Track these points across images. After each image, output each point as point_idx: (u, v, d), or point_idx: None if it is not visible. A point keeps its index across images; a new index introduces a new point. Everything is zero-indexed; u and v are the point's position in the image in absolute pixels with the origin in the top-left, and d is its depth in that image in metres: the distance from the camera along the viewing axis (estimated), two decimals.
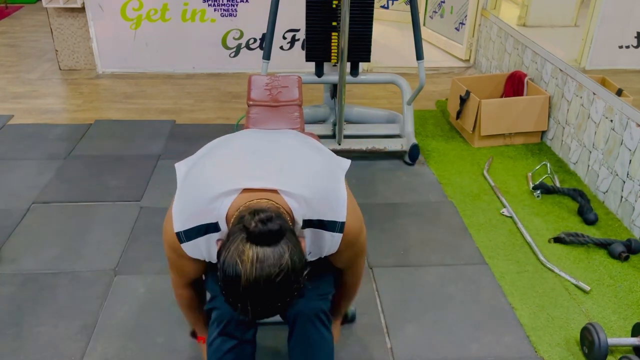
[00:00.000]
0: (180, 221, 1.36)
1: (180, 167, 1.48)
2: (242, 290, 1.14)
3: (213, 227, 1.32)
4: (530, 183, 3.02)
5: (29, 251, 2.47)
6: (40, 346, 2.00)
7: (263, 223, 1.16)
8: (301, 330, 1.57)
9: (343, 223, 1.37)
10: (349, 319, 2.10)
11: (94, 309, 2.16)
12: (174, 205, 1.39)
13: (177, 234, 1.36)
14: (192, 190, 1.37)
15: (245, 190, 1.29)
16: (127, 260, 2.43)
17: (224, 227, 1.30)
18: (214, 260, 1.37)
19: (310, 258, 1.42)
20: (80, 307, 2.18)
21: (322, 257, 1.47)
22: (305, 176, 1.35)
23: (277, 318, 1.70)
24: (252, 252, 1.14)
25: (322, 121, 3.49)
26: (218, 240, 1.31)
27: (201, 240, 1.35)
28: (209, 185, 1.33)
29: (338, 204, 1.36)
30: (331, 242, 1.39)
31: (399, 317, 2.16)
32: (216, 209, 1.30)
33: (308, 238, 1.37)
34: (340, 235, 1.38)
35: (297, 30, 4.45)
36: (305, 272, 1.21)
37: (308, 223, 1.34)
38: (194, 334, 1.87)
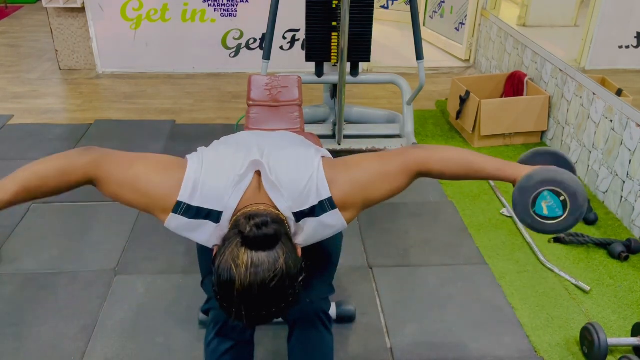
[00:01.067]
0: (191, 193, 1.28)
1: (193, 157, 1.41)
2: (236, 294, 1.13)
3: (215, 216, 1.28)
4: None
5: (29, 251, 2.47)
6: (40, 346, 2.00)
7: (258, 227, 1.15)
8: (301, 331, 1.57)
9: (330, 198, 1.30)
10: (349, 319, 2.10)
11: (94, 309, 2.16)
12: (191, 168, 1.30)
13: (179, 202, 1.27)
14: (213, 168, 1.31)
15: (256, 174, 1.29)
16: (127, 260, 2.43)
17: (225, 220, 1.28)
18: (192, 238, 1.34)
19: (320, 239, 1.38)
20: (80, 307, 2.18)
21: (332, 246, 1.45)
22: (288, 168, 1.33)
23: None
24: (246, 256, 1.14)
25: (322, 121, 3.49)
26: (214, 245, 1.30)
27: (194, 223, 1.30)
28: (227, 169, 1.30)
29: (318, 185, 1.31)
30: (333, 220, 1.32)
31: (399, 317, 2.16)
32: (229, 196, 1.27)
33: (310, 228, 1.33)
34: (336, 210, 1.31)
35: (297, 30, 4.45)
36: (301, 278, 1.20)
37: (301, 215, 1.31)
38: None
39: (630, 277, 2.37)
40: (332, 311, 2.03)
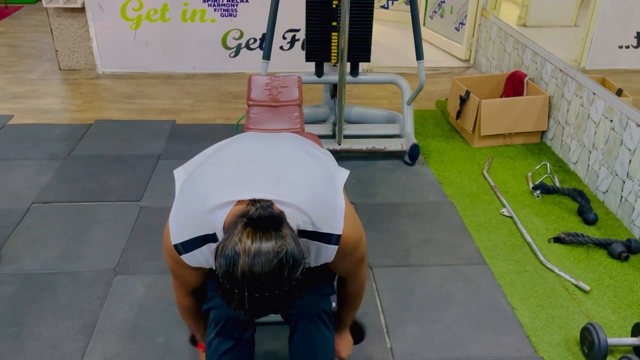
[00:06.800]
0: (177, 233, 1.34)
1: (179, 174, 1.47)
2: (239, 272, 1.12)
3: (211, 238, 1.31)
4: (530, 183, 3.02)
5: (29, 251, 2.47)
6: (40, 346, 2.00)
7: (264, 209, 1.15)
8: (303, 330, 1.57)
9: (339, 236, 1.34)
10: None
11: (94, 309, 2.16)
12: (171, 215, 1.38)
13: (175, 246, 1.34)
14: (188, 201, 1.36)
15: (240, 202, 1.27)
16: (127, 260, 2.43)
17: (221, 237, 1.29)
18: (212, 265, 1.36)
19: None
20: (80, 307, 2.18)
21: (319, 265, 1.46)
22: (302, 186, 1.33)
23: (278, 318, 1.71)
24: (251, 235, 1.13)
25: (322, 121, 3.49)
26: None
27: (202, 250, 1.34)
28: (205, 197, 1.30)
29: (335, 215, 1.33)
30: (326, 253, 1.37)
31: (399, 317, 2.16)
32: (212, 220, 1.28)
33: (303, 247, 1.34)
34: (336, 247, 1.35)
35: (297, 30, 4.45)
36: (303, 266, 1.19)
37: (303, 233, 1.31)
38: (193, 341, 1.86)
39: (630, 277, 2.37)
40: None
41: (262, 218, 1.14)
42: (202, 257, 1.36)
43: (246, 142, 1.53)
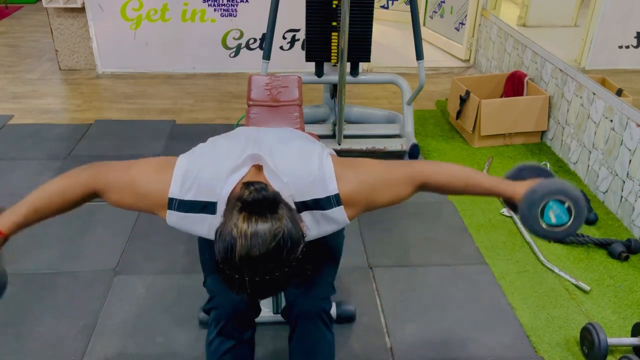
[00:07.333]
0: (181, 187, 1.31)
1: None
2: (238, 257, 1.12)
3: (211, 207, 1.30)
4: None
5: (29, 251, 2.47)
6: (40, 346, 2.00)
7: (257, 191, 1.15)
8: (303, 330, 1.57)
9: (337, 195, 1.33)
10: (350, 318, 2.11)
11: (94, 309, 2.16)
12: (180, 163, 1.34)
13: (171, 199, 1.32)
14: (208, 160, 1.35)
15: (253, 166, 1.30)
16: (127, 260, 2.43)
17: (221, 209, 1.28)
18: (194, 232, 1.37)
19: (322, 234, 1.39)
20: (80, 307, 2.18)
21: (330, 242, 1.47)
22: (296, 157, 1.36)
23: (278, 318, 1.71)
24: (247, 219, 1.14)
25: (322, 121, 3.49)
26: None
27: (194, 217, 1.32)
28: (224, 160, 1.32)
29: (325, 179, 1.33)
30: (335, 216, 1.35)
31: (399, 317, 2.16)
32: (221, 187, 1.28)
33: (310, 222, 1.34)
34: (341, 207, 1.34)
35: (297, 30, 4.45)
36: (302, 245, 1.19)
37: (303, 206, 1.32)
38: None
39: (630, 277, 2.37)
40: (332, 311, 2.02)
41: (256, 201, 1.14)
42: (184, 222, 1.33)
43: (246, 131, 1.57)
